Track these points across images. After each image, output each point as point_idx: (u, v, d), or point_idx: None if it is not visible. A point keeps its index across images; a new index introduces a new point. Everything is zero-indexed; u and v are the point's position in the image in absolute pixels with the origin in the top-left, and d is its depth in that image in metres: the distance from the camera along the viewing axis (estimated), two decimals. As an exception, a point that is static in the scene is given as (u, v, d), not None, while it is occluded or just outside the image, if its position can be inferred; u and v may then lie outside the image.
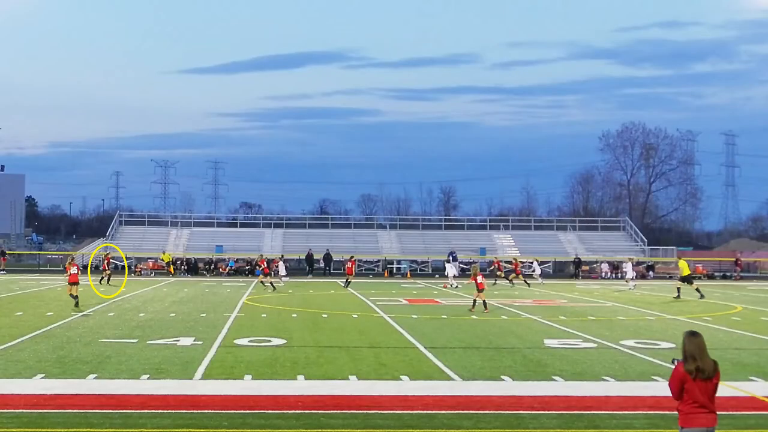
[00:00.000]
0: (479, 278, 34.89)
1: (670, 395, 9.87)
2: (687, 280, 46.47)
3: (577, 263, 75.88)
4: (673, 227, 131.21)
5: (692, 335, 9.74)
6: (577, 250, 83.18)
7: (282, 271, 60.49)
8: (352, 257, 56.91)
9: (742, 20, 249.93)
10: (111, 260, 59.74)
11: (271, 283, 49.89)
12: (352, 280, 54.23)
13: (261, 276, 51.24)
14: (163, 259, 71.83)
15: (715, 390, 9.63)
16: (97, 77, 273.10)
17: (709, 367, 9.54)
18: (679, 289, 45.78)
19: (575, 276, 73.50)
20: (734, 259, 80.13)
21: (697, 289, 45.54)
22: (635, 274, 59.28)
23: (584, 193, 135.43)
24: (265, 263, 52.47)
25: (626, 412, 14.92)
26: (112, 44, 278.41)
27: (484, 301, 34.83)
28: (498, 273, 61.16)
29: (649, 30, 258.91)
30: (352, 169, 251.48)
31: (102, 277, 53.95)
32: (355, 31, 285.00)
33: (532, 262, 65.34)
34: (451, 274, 59.19)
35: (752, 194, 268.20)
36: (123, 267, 74.85)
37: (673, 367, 9.79)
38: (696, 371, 9.49)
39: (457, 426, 13.78)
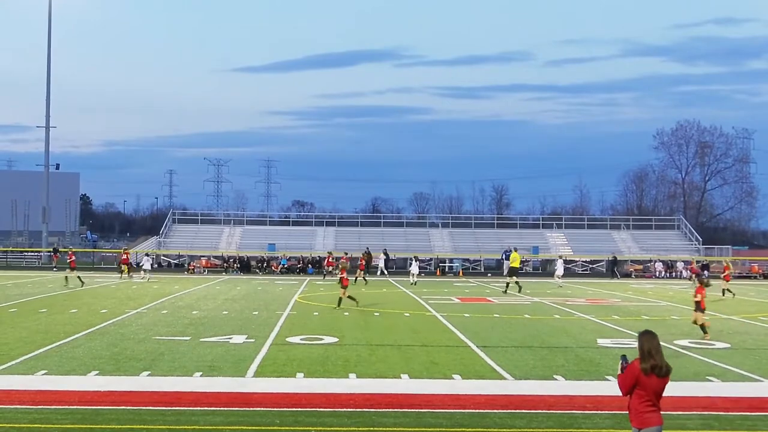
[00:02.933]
0: (344, 274, 35.26)
1: (724, 396, 9.75)
2: (513, 272, 50.07)
3: (614, 262, 74.55)
4: (729, 226, 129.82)
5: (650, 335, 9.75)
6: (630, 248, 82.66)
7: (415, 269, 58.56)
8: (330, 253, 56.34)
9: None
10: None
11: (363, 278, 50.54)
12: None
13: (357, 272, 52.18)
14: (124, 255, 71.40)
15: (664, 388, 9.66)
16: (150, 77, 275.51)
17: (665, 365, 9.57)
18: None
19: (613, 275, 72.06)
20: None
21: (516, 283, 48.38)
22: (564, 271, 59.67)
23: (638, 192, 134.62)
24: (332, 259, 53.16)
25: (680, 412, 14.76)
26: (165, 44, 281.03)
27: (341, 297, 34.86)
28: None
29: (704, 27, 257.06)
30: (405, 167, 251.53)
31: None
32: (407, 29, 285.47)
33: (555, 260, 64.38)
34: (506, 272, 59.09)
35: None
36: (175, 265, 75.56)
37: (621, 364, 9.77)
38: (652, 369, 9.48)
39: (509, 425, 13.72)
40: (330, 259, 52.54)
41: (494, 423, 13.84)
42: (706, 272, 69.75)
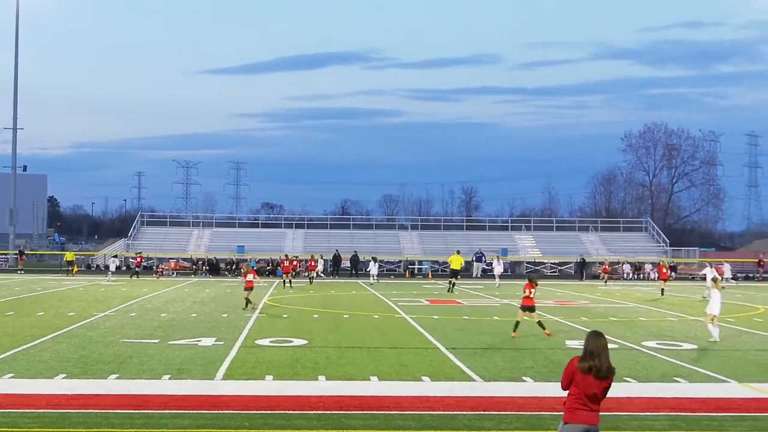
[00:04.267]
0: (250, 276, 35.30)
1: (691, 397, 9.82)
2: (455, 273, 52.55)
3: (582, 264, 74.80)
4: (696, 228, 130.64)
5: (597, 335, 9.82)
6: (599, 250, 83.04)
7: (374, 270, 61.14)
8: (287, 255, 56.43)
9: (765, 20, 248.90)
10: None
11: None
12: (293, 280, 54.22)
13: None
14: (66, 259, 71.85)
15: (603, 392, 9.65)
16: (119, 78, 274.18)
17: (605, 368, 9.57)
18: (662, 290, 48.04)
19: (582, 277, 72.41)
20: (757, 260, 79.74)
21: (452, 283, 50.87)
22: (502, 270, 61.54)
23: (606, 194, 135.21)
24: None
25: (648, 413, 14.85)
26: (134, 45, 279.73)
27: (247, 300, 35.09)
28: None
29: (673, 30, 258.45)
30: (374, 169, 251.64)
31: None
32: (377, 31, 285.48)
33: (491, 262, 65.26)
34: (475, 274, 60.12)
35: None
36: (143, 267, 75.23)
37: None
38: (589, 369, 9.53)
39: (478, 427, 13.75)
40: (285, 263, 52.40)
41: (463, 425, 13.86)
42: (673, 274, 70.25)
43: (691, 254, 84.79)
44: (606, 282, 64.29)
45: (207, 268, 72.64)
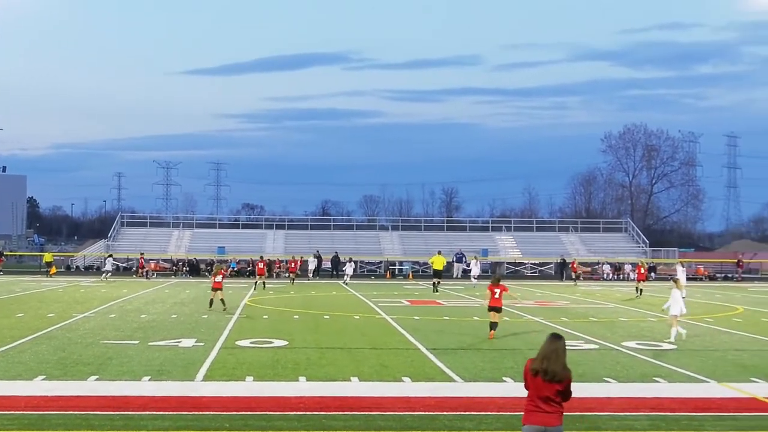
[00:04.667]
0: (219, 277, 35.46)
1: (671, 397, 9.84)
2: (437, 274, 54.14)
3: (562, 264, 74.85)
4: (675, 228, 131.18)
5: (552, 338, 9.81)
6: (579, 251, 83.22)
7: (349, 271, 62.12)
8: (261, 257, 56.44)
9: (744, 22, 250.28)
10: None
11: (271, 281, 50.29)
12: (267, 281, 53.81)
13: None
14: (45, 260, 72.01)
15: (557, 395, 9.55)
16: (99, 79, 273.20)
17: (554, 371, 9.47)
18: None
19: (562, 277, 72.42)
20: (736, 261, 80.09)
21: (435, 284, 52.20)
22: (479, 271, 62.06)
23: (586, 195, 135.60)
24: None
25: (628, 413, 14.90)
26: (115, 46, 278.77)
27: (212, 300, 35.32)
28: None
29: (652, 32, 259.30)
30: (355, 170, 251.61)
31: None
32: (358, 32, 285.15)
33: (469, 262, 65.71)
34: (456, 274, 60.77)
35: (754, 196, 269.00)
36: (123, 268, 75.09)
37: None
38: (536, 371, 9.52)
39: (459, 427, 13.76)
40: (260, 265, 52.30)
41: (444, 425, 13.88)
42: (653, 274, 70.53)
43: (670, 255, 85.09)
44: (576, 281, 64.83)
45: (187, 269, 72.44)
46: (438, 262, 54.88)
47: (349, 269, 62.22)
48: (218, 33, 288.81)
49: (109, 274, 63.50)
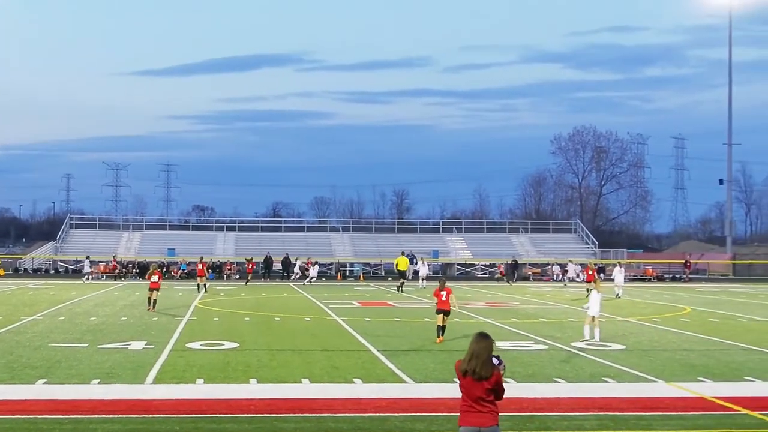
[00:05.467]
0: (155, 277, 35.79)
1: (620, 396, 9.92)
2: (402, 275, 55.59)
3: (514, 266, 74.86)
4: (624, 229, 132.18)
5: (479, 337, 9.85)
6: (529, 252, 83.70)
7: (313, 273, 62.90)
8: (201, 258, 56.34)
9: (691, 25, 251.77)
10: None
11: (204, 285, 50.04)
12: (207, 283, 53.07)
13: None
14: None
15: (488, 393, 9.54)
16: (48, 79, 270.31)
17: (478, 369, 9.50)
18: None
19: (512, 278, 72.15)
20: (684, 261, 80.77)
21: (401, 284, 53.57)
22: (428, 272, 62.81)
23: (536, 196, 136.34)
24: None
25: (577, 413, 15.02)
26: (64, 46, 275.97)
27: (150, 299, 35.69)
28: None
29: (601, 34, 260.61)
30: (306, 171, 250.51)
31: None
32: (309, 33, 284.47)
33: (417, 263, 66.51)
34: (409, 275, 61.61)
35: (701, 197, 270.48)
36: (72, 270, 74.48)
37: (495, 363, 9.77)
38: (465, 371, 9.55)
39: (409, 429, 13.81)
40: (199, 266, 52.03)
41: (395, 426, 13.92)
42: (601, 275, 70.99)
43: (619, 255, 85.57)
44: (510, 283, 65.75)
45: (137, 271, 71.95)
46: (402, 263, 56.25)
47: (313, 271, 63.16)
48: (168, 34, 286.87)
49: (90, 276, 63.83)
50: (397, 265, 57.49)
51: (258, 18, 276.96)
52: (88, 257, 67.78)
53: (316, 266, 65.33)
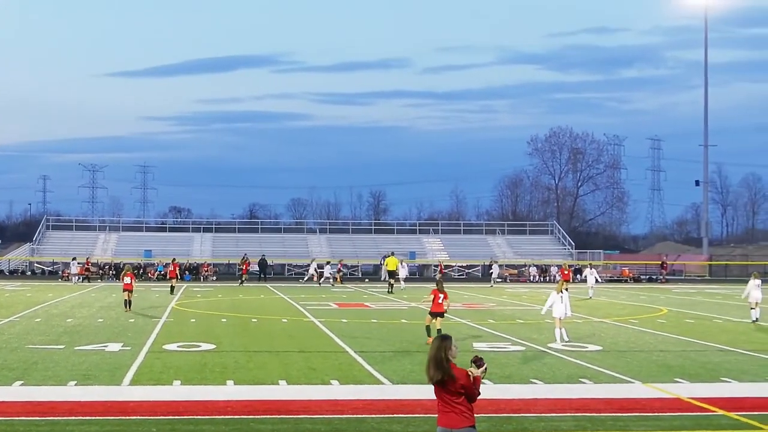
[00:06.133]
0: (127, 279, 36.13)
1: (597, 397, 9.94)
2: (392, 275, 56.29)
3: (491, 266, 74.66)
4: (600, 231, 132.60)
5: (438, 338, 9.69)
6: (505, 253, 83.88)
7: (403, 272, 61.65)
8: (174, 260, 56.16)
9: (669, 26, 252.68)
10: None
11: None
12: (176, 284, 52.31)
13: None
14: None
15: (454, 395, 9.44)
16: (23, 79, 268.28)
17: (434, 373, 9.37)
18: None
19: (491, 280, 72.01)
20: (660, 263, 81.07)
21: (390, 284, 54.96)
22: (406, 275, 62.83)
23: (513, 197, 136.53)
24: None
25: (554, 414, 15.08)
26: (40, 46, 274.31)
27: (125, 300, 36.15)
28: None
29: (579, 36, 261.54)
30: (283, 173, 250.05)
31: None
32: (286, 35, 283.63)
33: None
34: (383, 277, 62.08)
35: (677, 198, 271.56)
36: (48, 272, 74.22)
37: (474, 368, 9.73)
38: (431, 375, 9.44)
39: (387, 430, 13.84)
40: (170, 268, 51.84)
41: (372, 428, 13.95)
42: (578, 276, 71.21)
43: (595, 257, 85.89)
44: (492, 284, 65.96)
45: (114, 272, 71.68)
46: (391, 263, 56.87)
47: (403, 271, 61.34)
48: (145, 35, 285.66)
49: (78, 277, 64.00)
50: (386, 265, 58.23)
51: (235, 19, 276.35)
52: (74, 258, 67.60)
53: (329, 266, 65.35)
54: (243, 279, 62.96)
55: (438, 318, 25.41)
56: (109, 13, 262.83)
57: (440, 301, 25.43)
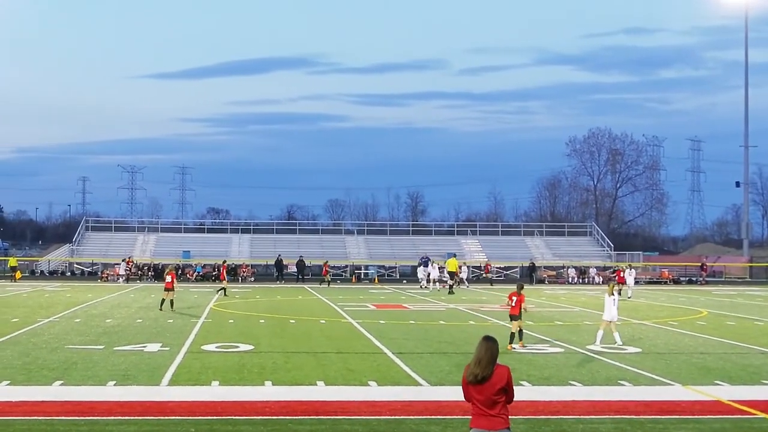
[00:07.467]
0: (168, 278, 36.80)
1: (636, 400, 9.84)
2: (451, 276, 58.06)
3: (531, 268, 74.88)
4: (639, 232, 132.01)
5: (483, 340, 9.57)
6: (544, 255, 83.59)
7: (434, 273, 61.62)
8: (224, 261, 56.10)
9: (707, 27, 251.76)
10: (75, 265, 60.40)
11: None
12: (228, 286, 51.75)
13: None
14: (10, 264, 72.93)
15: (496, 396, 9.37)
16: (63, 83, 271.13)
17: (480, 374, 9.32)
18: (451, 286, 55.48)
19: (532, 281, 71.64)
20: (700, 264, 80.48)
21: (450, 285, 56.33)
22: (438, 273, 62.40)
23: (551, 199, 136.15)
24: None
25: (593, 416, 14.97)
26: (79, 50, 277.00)
27: (163, 300, 36.68)
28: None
29: (616, 36, 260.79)
30: (320, 174, 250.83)
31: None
32: (320, 36, 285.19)
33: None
34: (422, 277, 61.62)
35: (717, 199, 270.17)
36: (88, 273, 74.68)
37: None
38: (476, 375, 9.35)
39: (425, 431, 13.79)
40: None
41: (410, 429, 13.90)
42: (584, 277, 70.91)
43: (635, 258, 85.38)
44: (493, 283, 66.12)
45: (152, 273, 72.06)
46: (452, 265, 58.36)
47: (434, 272, 61.24)
48: (181, 37, 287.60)
49: (123, 278, 65.33)
50: (447, 266, 59.38)
51: (270, 21, 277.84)
52: (124, 260, 68.41)
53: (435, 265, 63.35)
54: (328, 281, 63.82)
55: (515, 321, 24.84)
56: (145, 17, 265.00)
57: (513, 303, 24.81)
